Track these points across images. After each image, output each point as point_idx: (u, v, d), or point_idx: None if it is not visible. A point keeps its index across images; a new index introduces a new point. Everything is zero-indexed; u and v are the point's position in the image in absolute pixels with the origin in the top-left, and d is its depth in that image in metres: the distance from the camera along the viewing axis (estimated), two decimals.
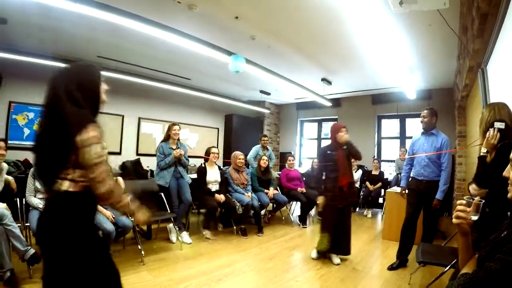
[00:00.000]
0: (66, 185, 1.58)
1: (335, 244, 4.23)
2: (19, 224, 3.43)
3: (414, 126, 8.50)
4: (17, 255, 3.22)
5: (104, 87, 1.78)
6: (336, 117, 9.93)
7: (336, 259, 4.24)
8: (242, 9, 4.34)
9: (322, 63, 6.44)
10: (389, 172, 8.76)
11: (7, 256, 3.12)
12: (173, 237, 4.97)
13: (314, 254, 4.43)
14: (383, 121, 9.28)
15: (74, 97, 1.62)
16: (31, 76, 6.38)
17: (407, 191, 4.28)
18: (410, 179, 4.29)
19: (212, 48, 4.94)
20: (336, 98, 9.37)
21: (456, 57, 5.30)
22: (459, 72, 5.40)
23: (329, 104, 8.61)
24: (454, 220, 1.46)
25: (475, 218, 1.42)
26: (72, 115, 1.57)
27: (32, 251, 3.24)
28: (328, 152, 4.32)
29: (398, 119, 8.88)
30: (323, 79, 7.48)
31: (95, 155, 1.55)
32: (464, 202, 1.45)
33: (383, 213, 6.73)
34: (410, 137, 6.92)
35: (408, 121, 8.73)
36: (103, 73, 1.80)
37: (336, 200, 4.18)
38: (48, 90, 1.67)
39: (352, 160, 4.58)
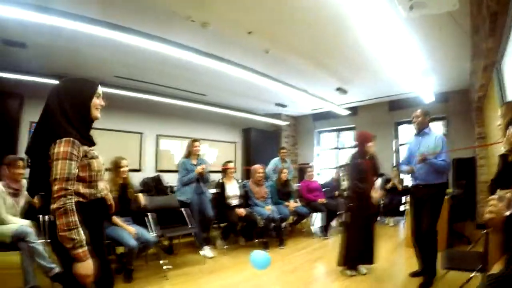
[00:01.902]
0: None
1: (361, 254, 4.09)
2: (43, 241, 3.49)
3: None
4: (41, 271, 3.28)
5: (98, 102, 1.81)
6: (354, 125, 9.84)
7: (362, 269, 4.12)
8: (255, 25, 4.45)
9: (336, 73, 6.48)
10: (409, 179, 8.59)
11: (31, 272, 3.20)
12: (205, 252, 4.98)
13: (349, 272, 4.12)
14: (401, 127, 9.14)
15: (65, 112, 1.64)
16: None
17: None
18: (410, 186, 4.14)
19: (225, 63, 5.05)
20: (352, 106, 9.32)
21: (469, 57, 5.23)
22: (474, 73, 5.33)
23: (345, 113, 8.58)
24: (486, 216, 1.42)
25: (507, 213, 1.37)
26: (50, 127, 1.60)
27: (56, 269, 3.29)
28: (358, 160, 4.17)
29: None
30: (338, 89, 7.48)
31: (58, 171, 1.51)
32: (496, 197, 1.41)
33: (405, 221, 6.61)
34: None
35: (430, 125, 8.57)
36: (118, 91, 1.86)
37: (363, 209, 4.06)
38: (45, 104, 1.69)
39: None
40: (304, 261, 4.83)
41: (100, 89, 1.85)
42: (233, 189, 5.66)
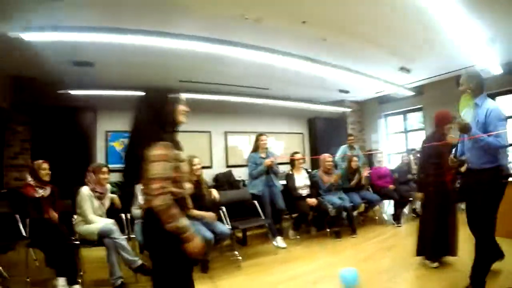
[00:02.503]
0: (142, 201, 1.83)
1: (442, 244, 3.78)
2: (126, 237, 3.88)
3: (506, 103, 7.70)
4: (125, 264, 3.63)
5: (182, 108, 2.02)
6: (421, 106, 9.31)
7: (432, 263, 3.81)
8: (308, 13, 4.44)
9: (398, 51, 6.19)
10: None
11: (116, 265, 3.56)
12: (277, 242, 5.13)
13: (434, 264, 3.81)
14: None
15: (155, 118, 1.90)
16: (121, 107, 7.18)
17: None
18: None
19: (282, 55, 5.15)
20: (417, 86, 8.85)
21: None
22: None
23: (409, 93, 8.22)
24: None
25: None
26: (145, 133, 1.84)
27: (139, 262, 3.64)
28: (433, 143, 3.79)
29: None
30: (402, 68, 7.16)
31: (156, 171, 1.71)
32: None
33: None
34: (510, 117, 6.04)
35: (499, 99, 7.89)
36: (186, 95, 2.01)
37: (440, 195, 3.78)
38: (132, 114, 1.97)
39: None
40: (377, 249, 4.82)
41: (183, 96, 2.08)
42: (302, 180, 5.74)
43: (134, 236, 4.05)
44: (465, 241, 3.49)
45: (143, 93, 2.07)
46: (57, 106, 6.61)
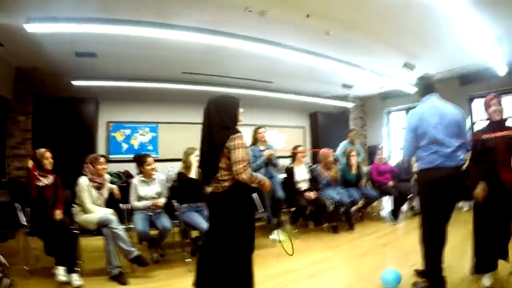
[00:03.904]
0: (212, 187, 2.57)
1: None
2: (124, 227, 3.92)
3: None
4: (122, 254, 3.69)
5: (240, 110, 2.64)
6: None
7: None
8: (313, 7, 4.44)
9: (402, 47, 6.18)
10: None
11: (114, 254, 3.62)
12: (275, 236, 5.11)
13: (487, 280, 3.11)
14: (474, 103, 8.26)
15: (227, 117, 2.53)
16: (123, 97, 7.26)
17: None
18: None
19: (286, 48, 5.18)
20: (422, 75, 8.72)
21: None
22: None
23: (413, 90, 8.18)
24: None
25: None
26: (226, 128, 2.48)
27: (136, 253, 3.70)
28: (483, 137, 3.15)
29: None
30: (405, 65, 7.13)
31: (240, 155, 2.38)
32: None
33: None
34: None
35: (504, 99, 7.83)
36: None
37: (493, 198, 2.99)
38: (204, 115, 2.60)
39: None
40: (374, 246, 4.83)
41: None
42: (302, 174, 5.76)
43: (132, 226, 4.09)
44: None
45: (214, 97, 2.65)
46: (58, 97, 6.67)
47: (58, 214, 3.77)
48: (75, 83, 6.53)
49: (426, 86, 3.29)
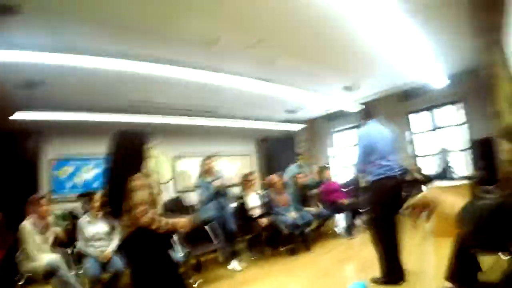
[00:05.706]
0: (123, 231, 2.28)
1: None
2: (73, 272, 3.66)
3: (447, 115, 8.19)
4: None
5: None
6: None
7: None
8: (261, 35, 4.54)
9: (344, 71, 6.50)
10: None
11: None
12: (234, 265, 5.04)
13: None
14: (411, 117, 8.87)
15: (123, 158, 2.31)
16: (69, 131, 6.93)
17: None
18: None
19: (232, 74, 5.37)
20: (364, 102, 9.11)
21: (474, 35, 5.05)
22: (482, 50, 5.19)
23: (357, 109, 8.50)
24: None
25: None
26: (123, 170, 2.23)
27: None
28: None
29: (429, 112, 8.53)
30: (345, 87, 7.43)
31: (138, 198, 2.13)
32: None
33: None
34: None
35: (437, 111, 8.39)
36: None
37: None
38: (108, 153, 2.34)
39: None
40: (332, 263, 4.79)
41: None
42: (254, 201, 5.71)
43: (81, 272, 3.82)
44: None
45: (118, 134, 2.43)
46: None
47: None
48: (15, 117, 5.84)
49: (367, 114, 3.95)
